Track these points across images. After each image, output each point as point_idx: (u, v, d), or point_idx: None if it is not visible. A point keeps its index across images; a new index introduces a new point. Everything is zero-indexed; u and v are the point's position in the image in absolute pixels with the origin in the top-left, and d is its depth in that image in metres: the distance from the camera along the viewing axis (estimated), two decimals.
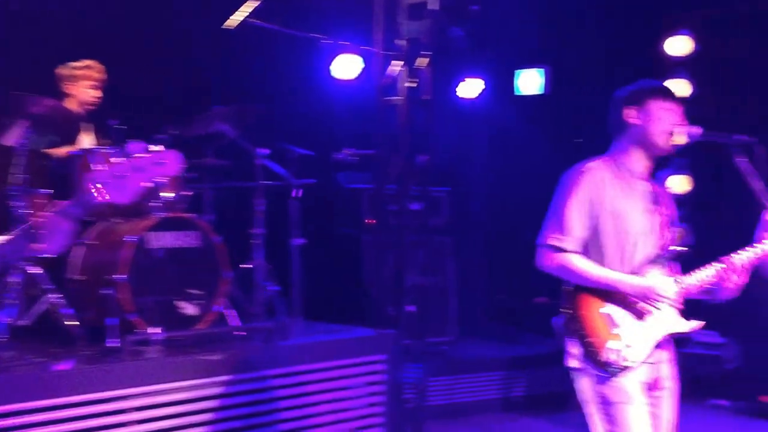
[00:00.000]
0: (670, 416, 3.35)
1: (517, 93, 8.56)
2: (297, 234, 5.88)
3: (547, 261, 3.24)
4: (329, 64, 6.43)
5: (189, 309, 4.81)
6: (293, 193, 5.75)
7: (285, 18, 5.79)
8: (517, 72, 8.55)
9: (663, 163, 7.99)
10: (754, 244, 3.21)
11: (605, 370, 3.13)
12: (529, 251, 3.36)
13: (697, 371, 7.50)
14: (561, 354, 3.28)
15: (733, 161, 3.01)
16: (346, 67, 6.51)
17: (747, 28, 7.74)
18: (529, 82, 8.52)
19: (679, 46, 7.79)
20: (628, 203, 3.26)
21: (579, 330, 3.16)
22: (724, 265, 3.20)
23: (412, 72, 5.72)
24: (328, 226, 6.90)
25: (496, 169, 8.74)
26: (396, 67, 5.71)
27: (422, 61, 5.76)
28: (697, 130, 3.14)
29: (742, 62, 7.71)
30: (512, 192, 8.13)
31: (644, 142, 3.28)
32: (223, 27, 5.37)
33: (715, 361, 7.43)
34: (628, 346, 3.16)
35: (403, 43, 5.68)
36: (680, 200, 7.80)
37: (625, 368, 3.14)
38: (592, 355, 3.14)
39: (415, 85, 5.70)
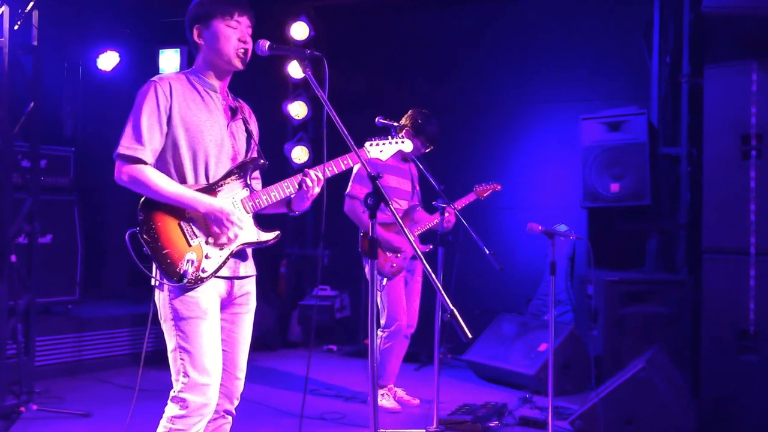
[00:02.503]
0: (246, 335, 2.98)
1: (161, 71, 8.10)
2: None
3: (122, 173, 2.73)
4: None
5: None
6: None
7: None
8: (161, 51, 8.09)
9: (287, 136, 7.88)
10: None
11: (181, 282, 2.69)
12: None
13: (313, 321, 7.47)
14: None
15: (304, 72, 2.69)
16: None
17: (350, 16, 8.00)
18: (170, 60, 8.14)
19: (299, 31, 7.67)
20: (203, 116, 2.83)
21: (154, 242, 2.69)
22: (306, 178, 2.87)
23: (17, 14, 4.77)
24: None
25: None
26: (1, 9, 4.73)
27: (30, 6, 4.84)
28: (263, 44, 2.74)
29: (347, 44, 7.91)
30: None
31: (213, 62, 2.87)
32: None
33: (328, 311, 7.39)
34: (207, 257, 2.75)
35: None
36: (302, 125, 7.85)
37: (201, 279, 2.74)
38: (168, 267, 2.69)
39: (17, 27, 4.75)
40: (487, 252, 3.99)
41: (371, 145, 3.04)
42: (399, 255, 4.94)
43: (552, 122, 6.94)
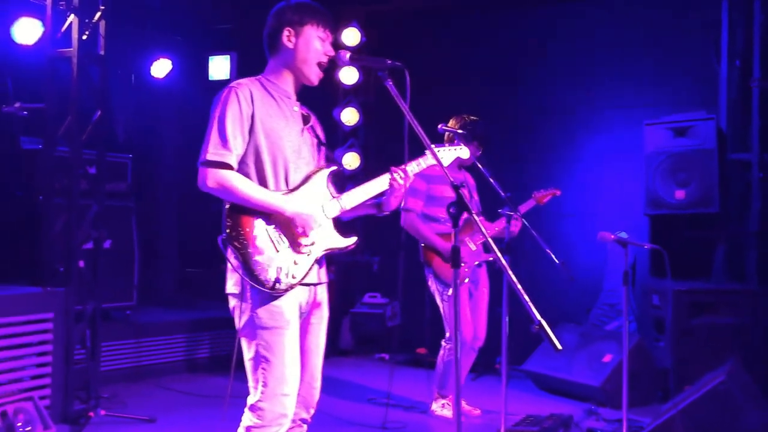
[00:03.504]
0: (321, 344, 3.05)
1: (211, 78, 8.20)
2: None
3: (209, 180, 2.76)
4: (4, 16, 5.45)
5: None
6: None
7: None
8: (210, 57, 8.23)
9: (337, 142, 7.94)
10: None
11: (273, 289, 2.74)
12: (217, 222, 2.89)
13: (364, 329, 7.53)
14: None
15: (385, 84, 2.75)
16: (27, 31, 5.58)
17: (402, 21, 8.04)
18: (219, 67, 8.27)
19: (350, 36, 7.72)
20: (280, 121, 2.90)
21: (244, 249, 2.73)
22: (395, 175, 2.93)
23: (85, 24, 4.92)
24: (1, 186, 5.90)
25: (187, 146, 8.31)
26: (70, 18, 4.89)
27: (97, 15, 4.99)
28: (344, 54, 2.84)
29: (399, 49, 7.82)
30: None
31: (294, 68, 2.94)
32: None
33: (380, 319, 7.44)
34: (295, 264, 2.81)
35: None
36: (353, 132, 7.87)
37: (291, 286, 2.79)
38: (259, 273, 2.72)
39: (85, 37, 4.90)
40: (557, 261, 4.01)
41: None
42: (462, 265, 4.97)
43: (614, 127, 6.90)
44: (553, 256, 4.05)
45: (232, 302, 2.84)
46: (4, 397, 4.11)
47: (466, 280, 4.97)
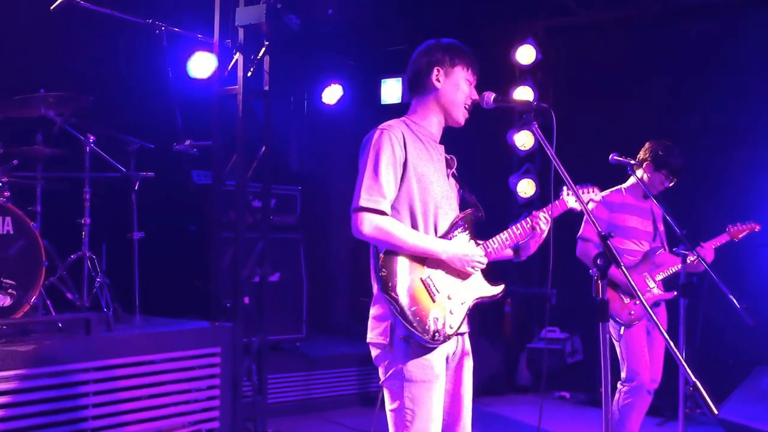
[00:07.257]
0: (470, 393, 3.07)
1: (383, 102, 8.45)
2: (136, 227, 5.43)
3: (365, 226, 2.80)
4: (175, 55, 5.96)
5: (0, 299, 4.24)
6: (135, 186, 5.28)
7: (119, 1, 5.25)
8: (383, 81, 8.46)
9: (512, 168, 7.89)
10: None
11: (431, 339, 2.80)
12: None
13: (542, 365, 7.44)
14: None
15: (530, 128, 2.80)
16: (202, 65, 6.07)
17: (581, 35, 7.93)
18: (391, 90, 8.48)
19: (525, 54, 7.67)
20: (429, 165, 2.95)
21: (400, 298, 2.77)
22: (530, 222, 3.00)
23: (250, 61, 5.30)
24: (175, 220, 6.44)
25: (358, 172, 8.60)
26: (236, 56, 5.30)
27: (261, 52, 5.36)
28: (489, 96, 2.91)
29: (577, 65, 7.85)
30: None
31: (440, 109, 3.01)
32: (52, 9, 4.81)
33: (559, 355, 7.33)
34: (450, 313, 2.88)
35: (240, 31, 5.25)
36: (528, 156, 7.80)
37: (448, 336, 2.85)
38: (418, 324, 2.78)
39: (250, 74, 5.28)
40: (738, 306, 3.82)
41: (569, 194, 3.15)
42: (638, 302, 4.83)
43: None
44: (734, 301, 3.85)
45: (375, 352, 2.92)
46: (175, 430, 4.49)
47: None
